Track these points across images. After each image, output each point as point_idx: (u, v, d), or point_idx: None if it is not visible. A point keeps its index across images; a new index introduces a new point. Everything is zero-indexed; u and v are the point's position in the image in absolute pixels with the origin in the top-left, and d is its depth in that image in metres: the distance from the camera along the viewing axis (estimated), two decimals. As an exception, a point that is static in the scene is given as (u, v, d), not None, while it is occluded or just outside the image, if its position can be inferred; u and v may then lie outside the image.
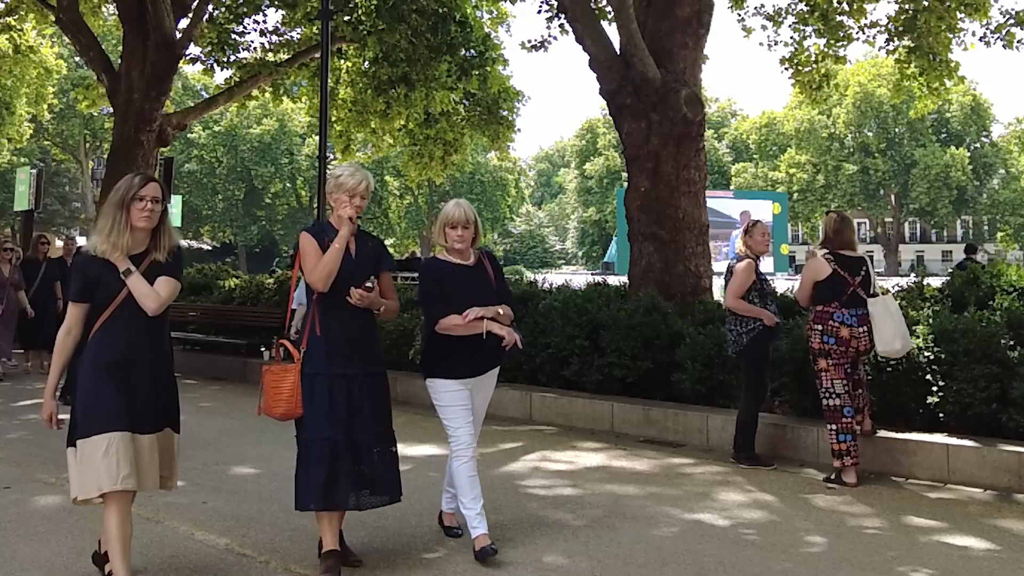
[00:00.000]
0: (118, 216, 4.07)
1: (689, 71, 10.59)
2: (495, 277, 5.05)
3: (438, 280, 4.89)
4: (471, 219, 4.91)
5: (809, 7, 14.49)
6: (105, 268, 4.07)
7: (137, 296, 4.07)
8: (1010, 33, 13.51)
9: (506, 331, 4.78)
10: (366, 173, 4.59)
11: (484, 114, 20.09)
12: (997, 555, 4.96)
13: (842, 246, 6.73)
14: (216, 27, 18.39)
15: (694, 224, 10.61)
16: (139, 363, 4.13)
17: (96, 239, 4.10)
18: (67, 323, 4.14)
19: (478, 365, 4.94)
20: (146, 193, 4.11)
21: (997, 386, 6.76)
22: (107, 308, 4.08)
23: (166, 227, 4.23)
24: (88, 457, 3.97)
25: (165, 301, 4.13)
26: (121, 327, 4.09)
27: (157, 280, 4.13)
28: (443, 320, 4.76)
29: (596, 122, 76.94)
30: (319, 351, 4.43)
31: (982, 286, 8.73)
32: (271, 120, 62.14)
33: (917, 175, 64.77)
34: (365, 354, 4.56)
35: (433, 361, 4.89)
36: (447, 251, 4.96)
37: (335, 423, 4.41)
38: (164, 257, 4.19)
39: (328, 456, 4.38)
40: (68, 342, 4.14)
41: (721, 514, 5.79)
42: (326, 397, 4.41)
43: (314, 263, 4.43)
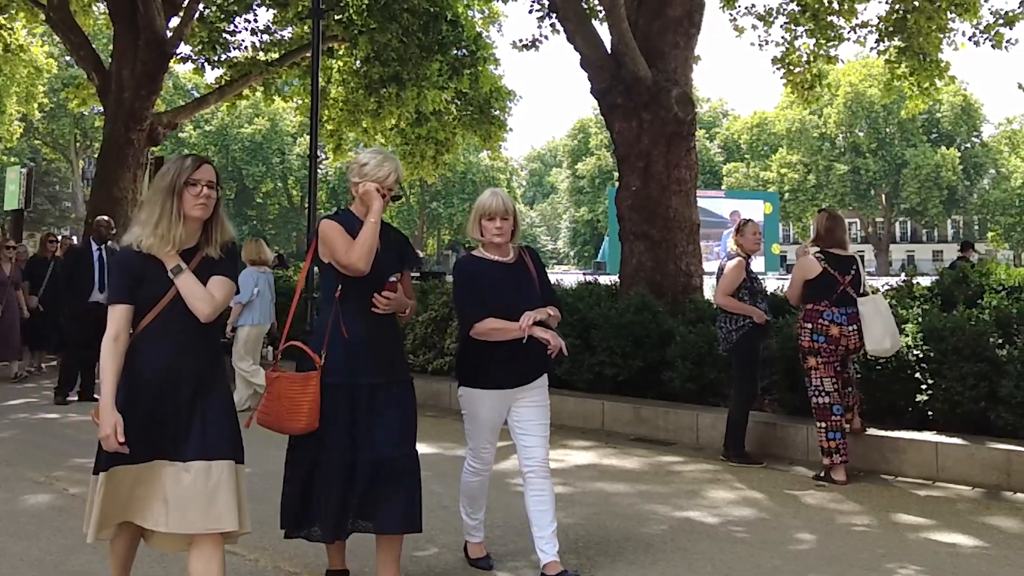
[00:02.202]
0: (168, 204, 3.40)
1: (680, 70, 10.61)
2: (538, 275, 4.52)
3: (475, 280, 4.34)
4: (510, 209, 4.38)
5: (800, 7, 14.53)
6: (150, 265, 3.43)
7: (188, 298, 3.41)
8: (999, 33, 13.57)
9: (550, 335, 4.19)
10: (395, 161, 4.10)
11: (476, 114, 20.11)
12: (986, 552, 4.98)
13: (833, 244, 6.75)
14: (207, 26, 18.38)
15: (685, 223, 10.62)
16: (187, 376, 3.45)
17: (140, 231, 3.44)
18: (112, 328, 3.45)
19: (521, 374, 4.38)
20: (200, 177, 3.46)
21: (986, 384, 6.79)
22: (150, 312, 3.42)
23: (219, 218, 3.56)
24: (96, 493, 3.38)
25: (220, 305, 3.47)
26: (167, 334, 3.42)
27: (210, 280, 3.47)
28: (480, 324, 4.22)
29: (588, 122, 77.03)
30: (342, 357, 3.90)
31: (971, 285, 8.77)
32: (262, 119, 62.10)
33: (908, 175, 65.01)
34: (391, 359, 4.07)
35: (469, 369, 4.38)
36: (484, 247, 4.44)
37: (352, 442, 3.89)
38: (217, 253, 3.54)
39: (342, 478, 3.87)
40: (117, 349, 3.43)
41: (711, 512, 5.81)
42: (346, 412, 3.89)
43: (345, 244, 3.88)
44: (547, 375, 4.53)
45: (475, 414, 4.38)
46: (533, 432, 4.42)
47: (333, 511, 3.88)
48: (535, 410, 4.43)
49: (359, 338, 3.92)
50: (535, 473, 4.40)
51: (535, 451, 4.41)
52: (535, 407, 4.44)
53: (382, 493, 3.90)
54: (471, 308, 4.28)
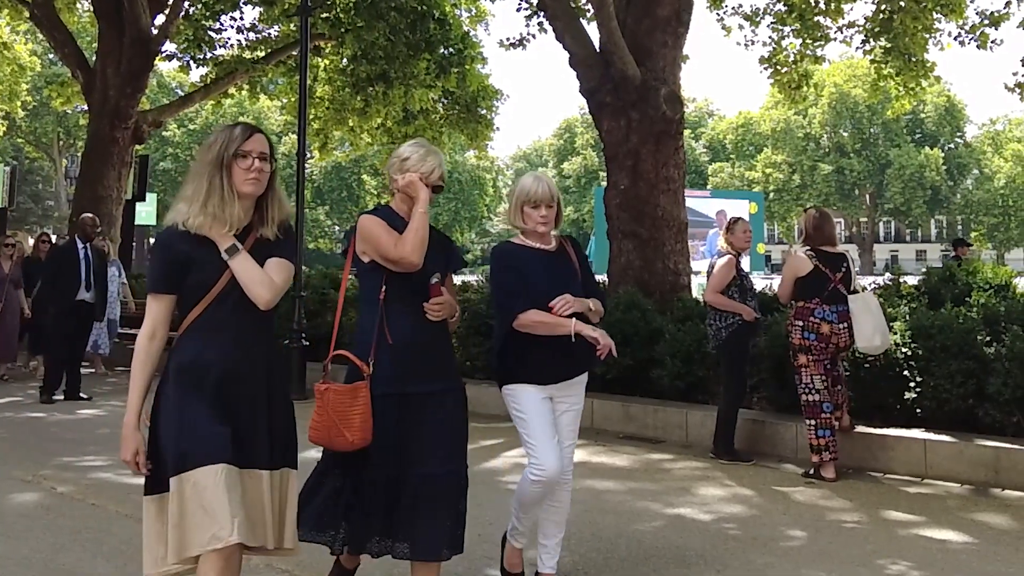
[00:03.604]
0: (216, 179, 2.96)
1: (669, 69, 10.64)
2: (580, 266, 4.22)
3: (517, 268, 4.03)
4: (556, 195, 4.07)
5: (787, 7, 14.60)
6: (198, 247, 2.96)
7: (246, 284, 2.96)
8: (984, 34, 13.68)
9: (599, 333, 3.85)
10: (439, 155, 3.76)
11: (463, 112, 20.11)
12: (975, 548, 5.01)
13: (823, 242, 6.77)
14: (193, 24, 18.32)
15: (673, 222, 10.65)
16: (247, 374, 3.02)
17: (186, 208, 2.98)
18: (149, 323, 3.00)
19: (566, 369, 4.09)
20: (252, 148, 3.01)
21: (973, 382, 6.83)
22: (202, 300, 2.97)
23: (275, 193, 3.12)
24: (193, 497, 2.80)
25: (280, 291, 3.03)
26: (221, 326, 2.98)
27: (268, 263, 3.03)
28: (524, 316, 3.90)
29: (574, 121, 77.12)
30: (388, 365, 3.55)
31: (958, 283, 8.82)
32: (247, 118, 61.80)
33: (892, 175, 65.37)
34: (441, 365, 3.72)
35: (511, 364, 4.04)
36: (524, 235, 4.14)
37: (399, 457, 3.57)
38: (273, 233, 3.10)
39: (384, 497, 3.55)
40: (153, 348, 2.99)
41: (702, 508, 5.82)
42: (394, 425, 3.55)
43: (392, 239, 3.53)
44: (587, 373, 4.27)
45: (526, 409, 4.00)
46: (565, 439, 4.17)
47: (369, 528, 3.57)
48: (571, 415, 4.20)
49: (406, 343, 3.58)
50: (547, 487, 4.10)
51: (564, 464, 4.11)
52: (571, 412, 4.20)
53: (423, 513, 3.54)
54: (514, 299, 3.95)
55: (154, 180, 53.50)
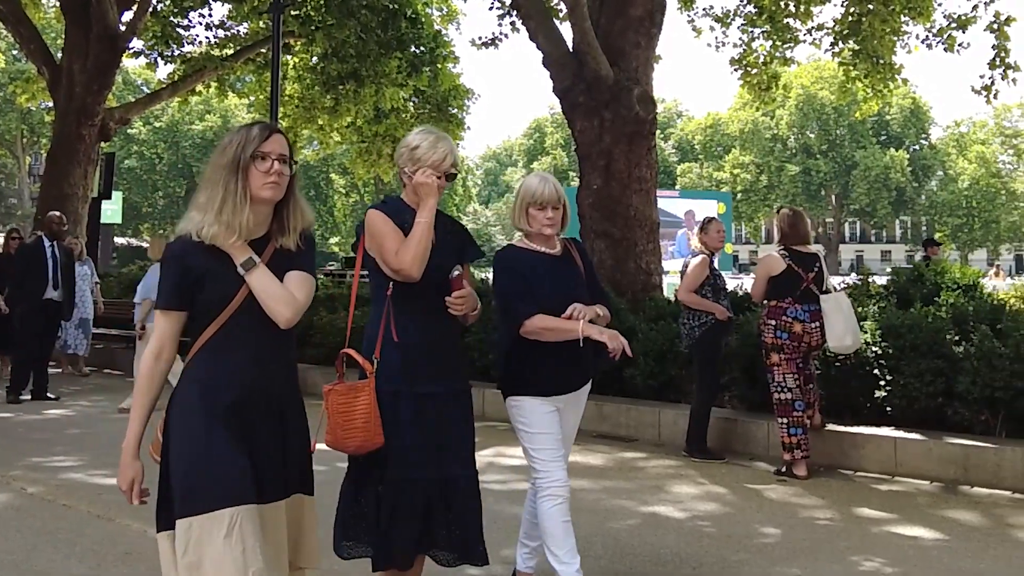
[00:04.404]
0: (232, 183, 2.70)
1: (642, 70, 10.68)
2: (585, 270, 4.06)
3: (522, 273, 3.87)
4: (562, 196, 3.92)
5: (757, 9, 14.70)
6: (213, 260, 2.71)
7: (264, 299, 2.70)
8: (951, 37, 13.84)
9: (608, 334, 3.70)
10: (449, 141, 3.54)
11: (434, 111, 20.09)
12: (946, 544, 5.07)
13: (798, 241, 6.83)
14: (160, 20, 18.17)
15: (645, 222, 10.70)
16: (265, 399, 2.75)
17: (199, 217, 2.73)
18: (156, 342, 2.75)
19: (572, 379, 3.97)
20: (271, 149, 2.74)
21: (943, 380, 6.91)
22: (217, 318, 2.71)
23: (295, 200, 2.86)
24: (202, 543, 2.53)
25: (303, 307, 2.76)
26: (238, 345, 2.72)
27: (288, 276, 2.77)
28: (531, 322, 3.73)
29: (544, 121, 77.27)
30: (397, 363, 3.36)
31: (926, 283, 8.93)
32: (214, 116, 61.36)
33: (857, 176, 66.02)
34: (452, 366, 3.53)
35: (519, 375, 3.88)
36: (528, 238, 3.98)
37: (428, 458, 3.36)
38: (294, 243, 2.84)
39: (421, 503, 3.34)
40: (159, 369, 2.74)
41: (676, 506, 5.85)
42: (414, 423, 3.35)
43: (395, 244, 3.35)
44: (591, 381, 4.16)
45: (532, 422, 3.84)
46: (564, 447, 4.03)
47: (409, 537, 3.36)
48: (573, 424, 4.12)
49: (415, 342, 3.39)
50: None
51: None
52: (573, 420, 4.11)
53: (461, 517, 3.40)
54: (521, 304, 3.78)
55: (119, 178, 53.08)
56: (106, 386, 11.58)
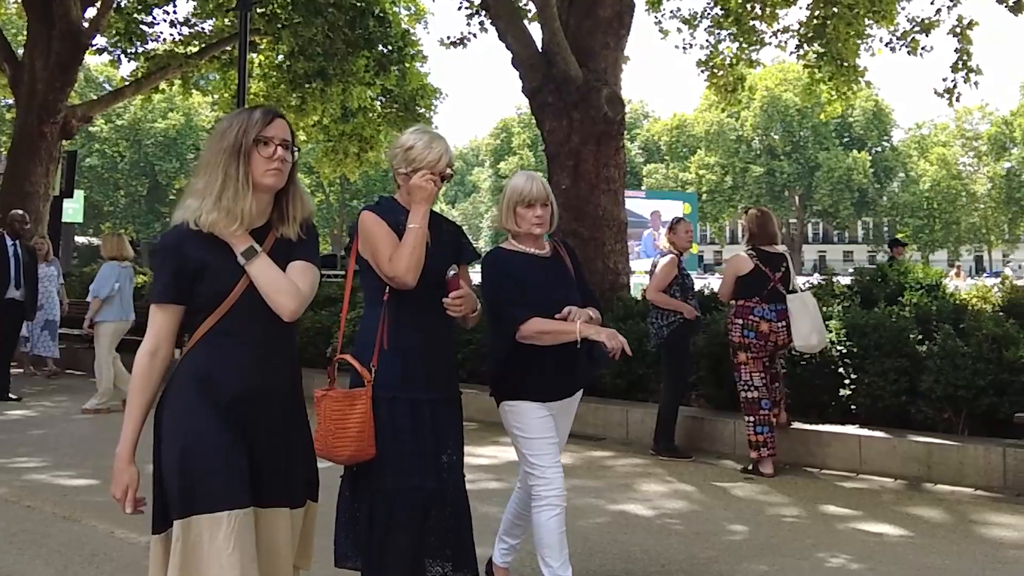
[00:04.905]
0: (233, 169, 2.56)
1: (610, 70, 10.72)
2: (576, 272, 3.97)
3: (513, 275, 3.76)
4: (550, 195, 3.82)
5: (724, 11, 14.79)
6: (212, 249, 2.56)
7: (267, 291, 2.56)
8: (915, 40, 14.01)
9: (607, 333, 3.58)
10: (444, 140, 3.40)
11: (401, 111, 20.01)
12: (911, 540, 5.14)
13: (766, 241, 6.90)
14: (124, 17, 17.94)
15: (613, 222, 10.74)
16: (267, 394, 2.62)
17: (197, 204, 2.57)
18: (152, 337, 2.59)
19: (567, 384, 3.88)
20: (274, 134, 2.61)
21: (906, 379, 7.00)
22: (215, 311, 2.57)
23: (296, 187, 2.74)
24: (197, 546, 2.43)
25: (307, 299, 2.63)
26: (237, 338, 2.58)
27: (291, 267, 2.64)
28: (527, 326, 3.63)
29: (511, 121, 77.28)
30: (395, 369, 3.25)
31: (890, 283, 9.04)
32: (177, 114, 60.79)
33: (820, 177, 66.71)
34: (448, 372, 3.46)
35: (514, 379, 3.77)
36: (515, 238, 3.86)
37: (426, 466, 3.26)
38: (295, 232, 2.72)
39: (420, 513, 3.23)
40: (156, 367, 2.58)
41: (645, 505, 5.88)
42: (411, 430, 3.24)
43: (389, 249, 3.23)
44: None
45: (528, 427, 3.74)
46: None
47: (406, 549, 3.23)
48: (563, 434, 4.02)
49: (413, 347, 3.29)
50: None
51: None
52: (564, 429, 4.02)
53: (455, 527, 3.32)
54: (515, 308, 3.67)
55: (80, 177, 52.41)
56: (69, 387, 11.42)
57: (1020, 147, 63.90)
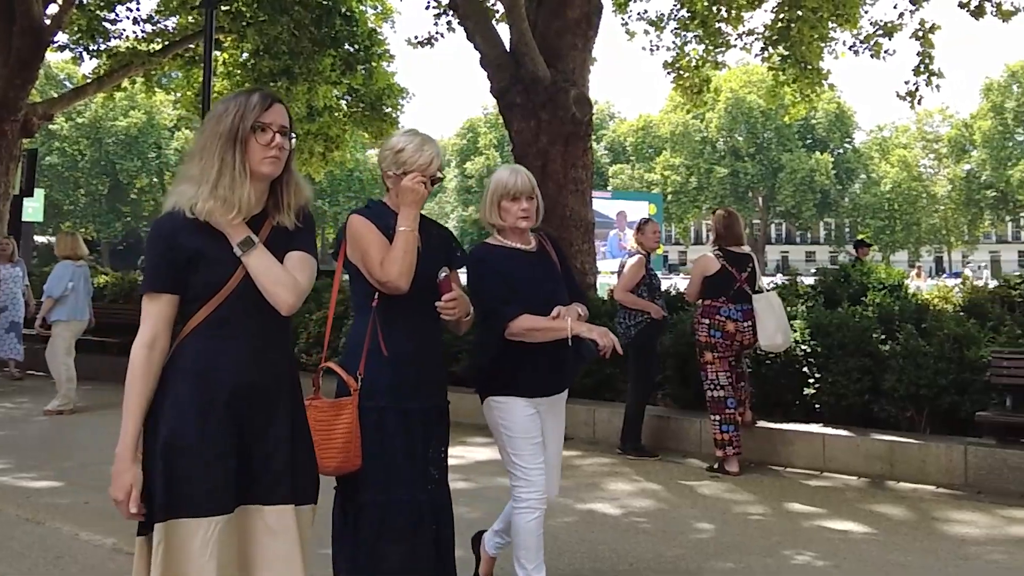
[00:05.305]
0: (229, 156, 2.45)
1: (578, 71, 10.75)
2: (562, 267, 3.89)
3: (500, 271, 3.67)
4: (535, 187, 3.73)
5: (690, 14, 14.88)
6: (206, 238, 2.45)
7: (264, 283, 2.46)
8: (878, 43, 14.17)
9: (598, 331, 3.55)
10: (435, 143, 3.33)
11: (367, 110, 19.90)
12: (875, 537, 5.22)
13: (733, 241, 6.95)
14: (86, 14, 17.70)
15: (580, 222, 10.78)
16: (262, 389, 2.50)
17: (191, 191, 2.46)
18: (147, 328, 2.44)
19: (554, 381, 3.79)
20: (272, 119, 2.50)
21: (869, 378, 7.09)
22: (209, 302, 2.45)
23: (292, 175, 2.61)
24: (178, 550, 2.34)
25: (305, 291, 2.53)
26: (232, 331, 2.46)
27: (288, 258, 2.54)
28: (516, 323, 3.55)
29: (477, 121, 77.21)
30: (385, 378, 3.17)
31: (853, 283, 9.15)
32: (138, 112, 60.15)
33: (784, 179, 67.31)
34: (438, 379, 3.38)
35: (501, 375, 3.69)
36: (501, 233, 3.77)
37: (417, 478, 3.19)
38: (292, 221, 2.60)
39: (412, 526, 3.16)
40: (154, 360, 2.43)
41: (612, 503, 5.91)
42: (402, 441, 3.17)
43: (380, 253, 3.15)
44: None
45: (514, 426, 3.67)
46: (550, 460, 3.86)
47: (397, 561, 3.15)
48: (556, 433, 3.92)
49: (403, 354, 3.20)
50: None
51: (550, 488, 3.85)
52: (557, 430, 3.93)
53: (442, 542, 3.28)
54: (503, 305, 3.58)
55: (40, 175, 51.71)
56: (30, 388, 11.27)
57: (980, 149, 64.85)
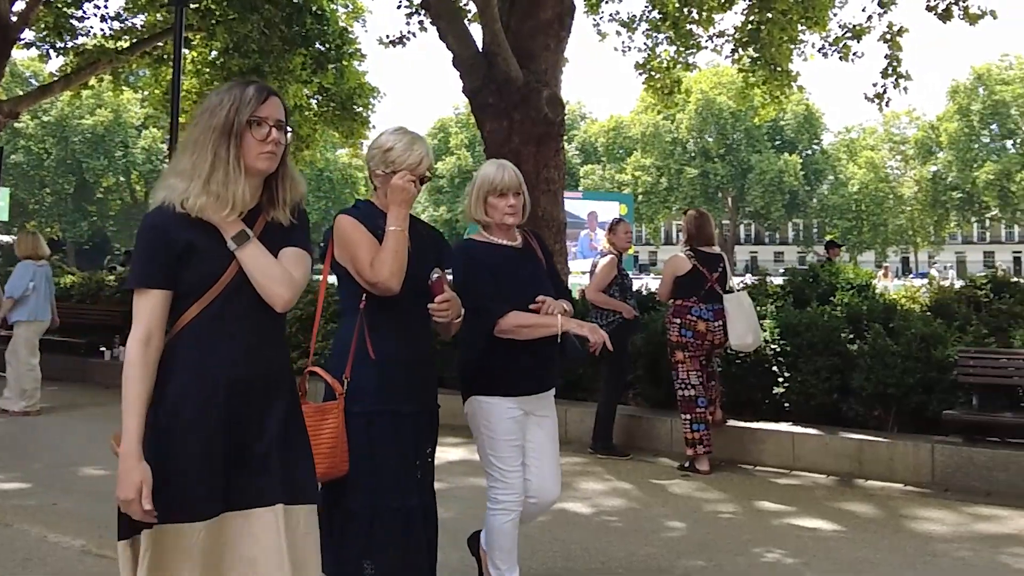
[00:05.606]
0: (223, 150, 2.39)
1: (551, 72, 10.76)
2: (547, 264, 3.85)
3: (488, 268, 3.63)
4: (522, 184, 3.69)
5: (661, 15, 14.93)
6: (199, 233, 2.38)
7: (259, 281, 2.40)
8: (847, 46, 14.28)
9: (588, 328, 3.53)
10: (424, 142, 3.28)
11: (338, 109, 19.79)
12: (843, 534, 5.27)
13: (704, 242, 7.00)
14: (54, 11, 17.47)
15: (552, 222, 10.79)
16: (257, 388, 2.43)
17: (183, 185, 2.39)
18: (141, 325, 2.34)
19: (541, 380, 3.75)
20: (268, 113, 2.44)
21: (838, 377, 7.17)
22: (201, 299, 2.38)
23: (287, 170, 2.54)
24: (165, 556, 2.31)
25: (300, 287, 2.48)
26: (225, 329, 2.40)
27: (283, 254, 2.48)
28: (506, 320, 3.51)
29: (448, 121, 77.01)
30: (372, 382, 3.10)
31: (822, 283, 9.23)
32: (105, 111, 59.49)
33: (753, 180, 67.64)
34: (429, 383, 3.32)
35: (486, 374, 3.64)
36: (486, 230, 3.74)
37: (407, 484, 3.13)
38: (287, 217, 2.55)
39: (402, 533, 3.11)
40: (149, 358, 2.33)
41: (584, 503, 5.93)
42: (392, 446, 3.10)
43: (369, 254, 3.08)
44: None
45: (495, 427, 3.62)
46: (548, 458, 3.83)
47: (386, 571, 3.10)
48: (550, 432, 3.87)
49: (392, 358, 3.13)
50: (537, 507, 3.88)
51: (549, 486, 3.84)
52: (549, 427, 3.87)
53: (431, 551, 3.25)
54: (491, 302, 3.53)
55: (4, 174, 51.00)
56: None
57: (946, 151, 65.50)
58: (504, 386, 3.62)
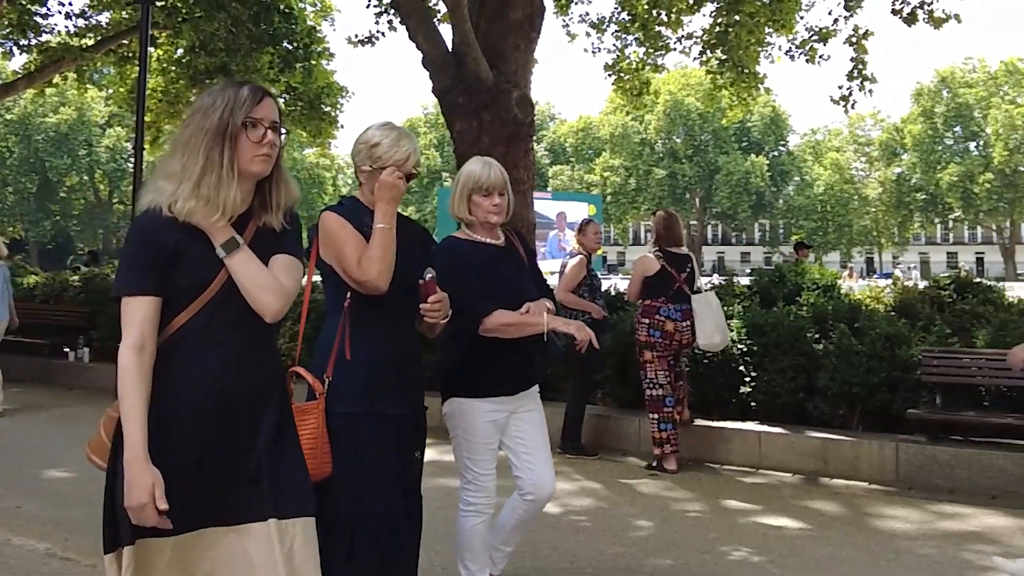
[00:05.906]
0: (216, 154, 2.31)
1: (521, 73, 10.75)
2: (529, 261, 3.84)
3: (472, 266, 3.58)
4: (507, 183, 3.67)
5: (630, 17, 14.97)
6: (187, 238, 2.30)
7: (248, 289, 2.33)
8: (813, 49, 14.40)
9: (575, 326, 3.54)
10: (412, 138, 3.21)
11: (306, 109, 19.68)
12: (809, 532, 5.33)
13: (673, 242, 7.04)
14: (17, 7, 17.24)
15: (522, 223, 10.75)
16: (245, 399, 2.35)
17: (172, 188, 2.31)
18: (134, 332, 2.25)
19: (527, 377, 3.74)
20: (263, 115, 2.37)
21: (804, 376, 7.24)
22: (189, 307, 2.31)
23: (281, 173, 2.47)
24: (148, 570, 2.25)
25: (291, 296, 2.39)
26: (213, 339, 2.32)
27: (274, 262, 2.39)
28: (491, 318, 3.47)
29: (417, 121, 76.79)
30: (355, 382, 3.02)
31: (788, 284, 9.31)
32: (69, 109, 58.80)
33: (720, 180, 68.16)
34: (416, 385, 3.23)
35: (472, 375, 3.59)
36: (470, 228, 3.69)
37: (392, 488, 3.06)
38: (279, 222, 2.46)
39: (386, 537, 3.04)
40: (144, 365, 2.24)
41: (553, 502, 5.86)
42: (377, 449, 3.02)
43: (357, 252, 3.00)
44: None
45: (474, 430, 3.60)
46: (539, 452, 3.83)
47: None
48: (538, 425, 3.84)
49: (377, 358, 3.07)
50: (536, 504, 3.87)
51: (544, 479, 3.84)
52: (536, 413, 3.83)
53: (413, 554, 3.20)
54: (477, 300, 3.47)
55: (-32, 171, 50.40)
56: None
57: (910, 153, 66.31)
58: (490, 385, 3.60)
